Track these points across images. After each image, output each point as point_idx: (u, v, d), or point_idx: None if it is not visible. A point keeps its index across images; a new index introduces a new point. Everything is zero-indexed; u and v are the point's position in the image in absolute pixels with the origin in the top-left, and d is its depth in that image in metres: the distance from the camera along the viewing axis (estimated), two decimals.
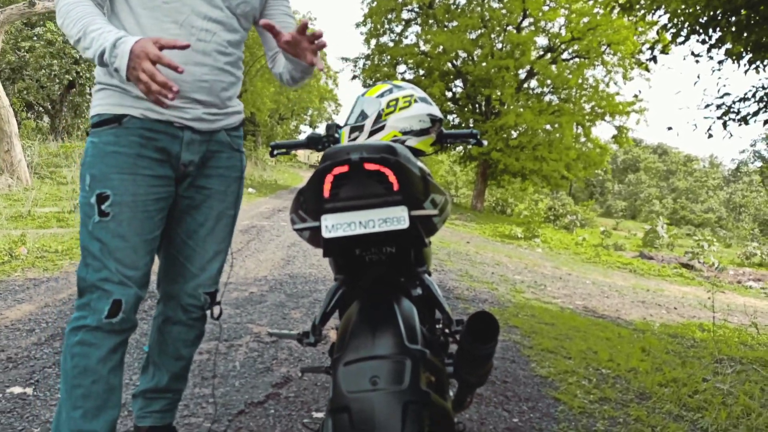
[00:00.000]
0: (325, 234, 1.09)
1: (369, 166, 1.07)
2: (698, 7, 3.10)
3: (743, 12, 3.02)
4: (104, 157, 1.27)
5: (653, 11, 3.71)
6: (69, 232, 5.84)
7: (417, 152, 1.83)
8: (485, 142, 1.94)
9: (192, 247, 1.43)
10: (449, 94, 19.02)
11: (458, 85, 19.40)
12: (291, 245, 5.99)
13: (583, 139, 17.94)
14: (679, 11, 3.26)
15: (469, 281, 5.17)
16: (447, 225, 13.47)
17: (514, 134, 16.88)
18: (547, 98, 18.28)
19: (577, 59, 17.27)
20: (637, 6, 3.71)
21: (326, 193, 1.09)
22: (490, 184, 19.54)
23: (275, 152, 2.05)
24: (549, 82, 17.02)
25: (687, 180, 37.40)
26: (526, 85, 18.18)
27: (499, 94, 17.14)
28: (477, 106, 18.93)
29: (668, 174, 38.57)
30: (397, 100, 1.77)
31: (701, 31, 3.31)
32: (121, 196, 1.25)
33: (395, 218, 1.09)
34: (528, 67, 17.57)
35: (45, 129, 23.40)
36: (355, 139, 1.79)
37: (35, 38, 19.93)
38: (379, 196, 1.10)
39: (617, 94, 17.52)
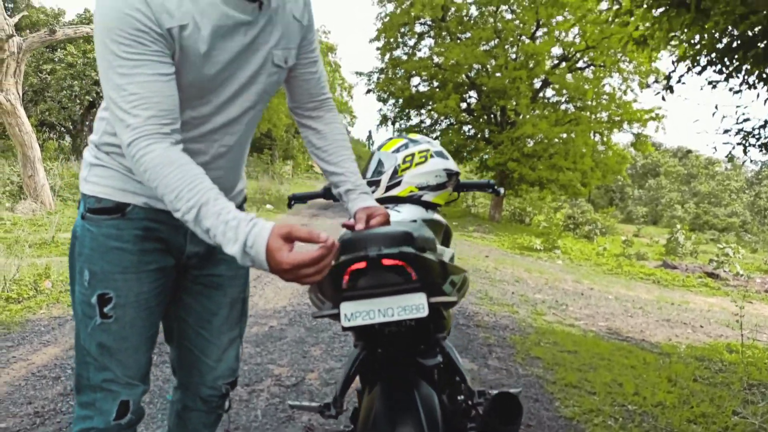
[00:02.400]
0: (344, 323, 1.09)
1: (387, 262, 1.07)
2: (716, 35, 3.05)
3: (760, 45, 2.98)
4: (105, 253, 1.17)
5: (668, 43, 3.67)
6: None
7: (433, 205, 1.83)
8: (502, 190, 1.93)
9: (206, 338, 1.35)
10: (464, 105, 18.99)
11: (473, 96, 19.37)
12: None
13: (601, 147, 17.75)
14: (693, 41, 3.22)
15: (489, 304, 5.12)
16: (465, 238, 13.41)
17: (530, 143, 16.78)
18: (563, 107, 18.16)
19: (592, 67, 17.15)
20: (651, 41, 3.67)
21: (344, 285, 1.10)
22: (507, 194, 19.42)
23: (292, 203, 2.07)
24: (565, 91, 16.92)
25: (709, 184, 36.75)
26: (541, 95, 18.08)
27: (514, 104, 17.07)
28: (492, 116, 18.87)
29: (689, 178, 37.93)
30: (413, 155, 1.77)
31: (718, 61, 3.26)
32: (125, 297, 1.18)
33: (414, 306, 1.08)
34: (543, 77, 17.49)
35: (67, 149, 23.90)
36: (372, 192, 1.80)
37: (56, 61, 20.39)
38: (397, 284, 1.09)
39: (634, 101, 17.34)
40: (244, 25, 1.12)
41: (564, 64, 17.55)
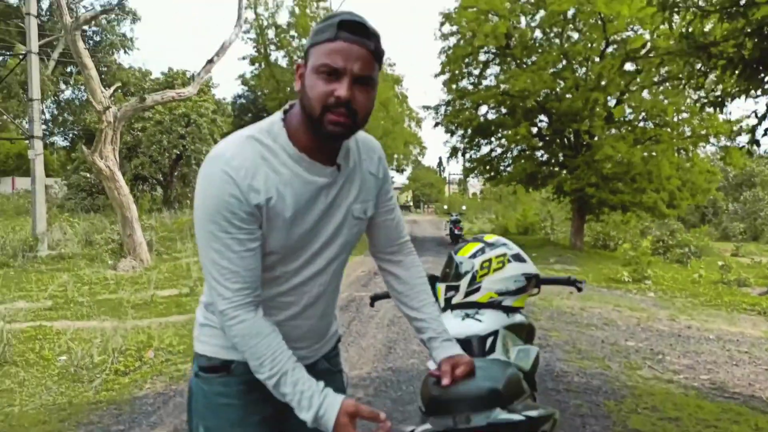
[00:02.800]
0: None
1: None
2: None
3: None
4: (217, 409, 1.29)
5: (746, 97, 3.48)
6: (187, 321, 6.28)
7: (514, 309, 1.83)
8: (584, 286, 1.90)
9: None
10: (534, 130, 18.65)
11: (543, 120, 18.99)
12: (390, 323, 6.06)
13: (687, 164, 16.77)
14: None
15: (578, 359, 4.93)
16: (546, 271, 13.00)
17: (608, 165, 16.10)
18: (641, 124, 17.37)
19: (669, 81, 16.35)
20: (729, 99, 3.49)
21: None
22: (588, 219, 18.72)
23: (374, 302, 2.16)
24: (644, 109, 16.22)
25: None
26: (616, 109, 17.39)
27: (588, 126, 16.55)
28: (566, 140, 18.38)
29: None
30: (490, 260, 1.79)
31: None
32: None
33: None
34: (618, 94, 16.89)
35: (158, 199, 25.66)
36: (450, 298, 1.83)
37: (146, 118, 22.07)
38: None
39: (719, 112, 16.31)
40: (326, 188, 1.24)
41: (638, 78, 16.87)
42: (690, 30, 3.86)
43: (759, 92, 3.32)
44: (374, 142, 1.40)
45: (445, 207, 32.31)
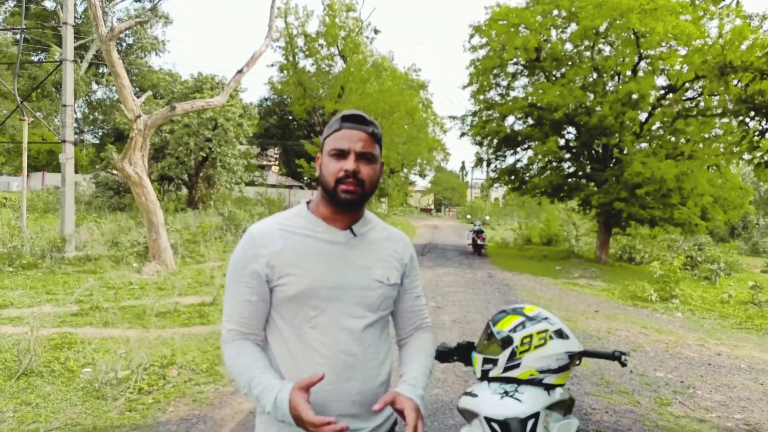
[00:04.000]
0: None
1: None
2: None
3: None
4: None
5: None
6: (209, 333, 6.30)
7: (555, 386, 1.75)
8: (628, 359, 1.79)
9: None
10: (561, 141, 18.37)
11: (571, 132, 18.72)
12: None
13: (720, 181, 16.35)
14: None
15: (607, 394, 4.79)
16: (571, 287, 12.80)
17: (638, 179, 15.76)
18: (671, 138, 16.97)
19: (702, 97, 15.99)
20: None
21: None
22: (614, 233, 18.38)
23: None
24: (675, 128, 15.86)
25: None
26: (645, 126, 17.05)
27: (617, 139, 16.26)
28: (594, 153, 18.09)
29: None
30: (531, 336, 1.71)
31: None
32: None
33: None
34: (649, 109, 16.57)
35: (183, 198, 25.99)
36: (488, 371, 1.76)
37: (174, 121, 22.35)
38: None
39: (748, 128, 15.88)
40: (339, 246, 1.44)
41: (671, 95, 16.52)
42: (747, 91, 3.74)
43: None
44: (406, 238, 1.64)
45: (468, 216, 32.02)
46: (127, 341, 5.60)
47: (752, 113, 3.64)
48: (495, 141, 19.25)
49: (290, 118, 39.00)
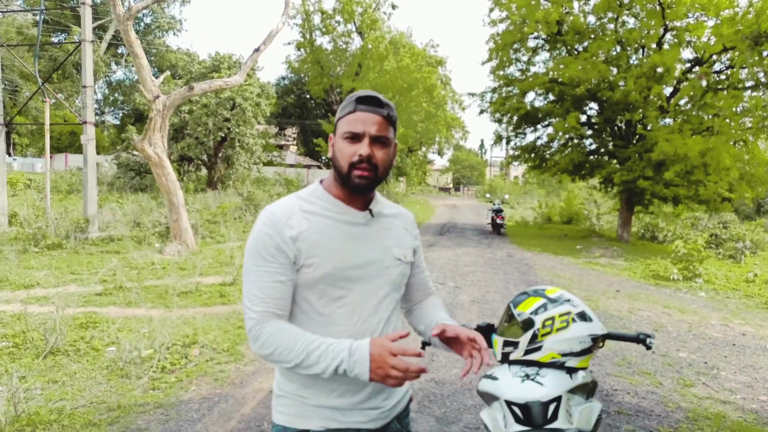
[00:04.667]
0: None
1: None
2: None
3: None
4: None
5: None
6: (230, 313, 6.37)
7: (576, 370, 1.71)
8: (653, 340, 1.74)
9: None
10: (583, 118, 17.99)
11: (593, 108, 18.32)
12: None
13: (746, 156, 15.89)
14: None
15: (629, 375, 4.74)
16: (592, 267, 12.67)
17: (663, 158, 15.39)
18: (699, 113, 16.51)
19: (730, 70, 15.47)
20: None
21: None
22: (636, 211, 18.06)
23: (425, 347, 2.06)
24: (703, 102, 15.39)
25: None
26: (672, 101, 16.60)
27: (641, 115, 15.87)
28: (617, 129, 17.69)
29: None
30: (553, 319, 1.67)
31: None
32: None
33: None
34: (675, 83, 16.11)
35: (203, 179, 26.21)
36: (508, 354, 1.72)
37: (193, 101, 22.43)
38: None
39: None
40: (359, 226, 1.46)
41: (698, 68, 16.03)
42: None
43: None
44: (411, 215, 1.69)
45: (488, 195, 31.74)
46: (150, 320, 5.69)
47: None
48: (515, 118, 18.92)
49: (308, 96, 38.88)
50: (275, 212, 1.41)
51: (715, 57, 15.65)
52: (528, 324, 1.67)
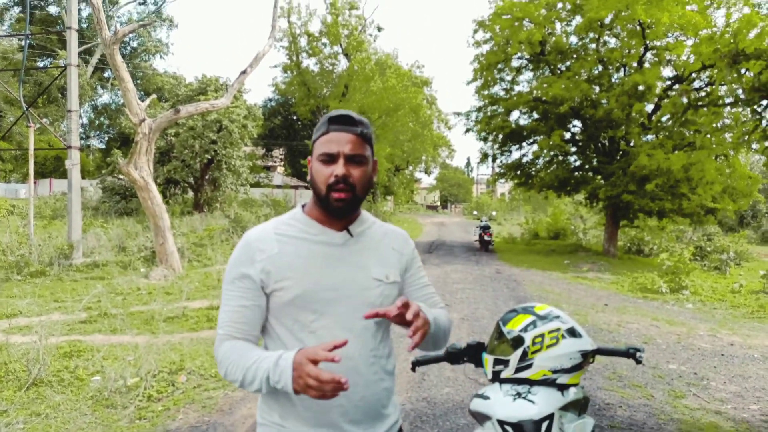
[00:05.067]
0: None
1: None
2: None
3: None
4: None
5: None
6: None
7: (569, 386, 1.71)
8: (643, 356, 1.75)
9: None
10: (567, 135, 18.25)
11: (577, 125, 18.59)
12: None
13: (728, 170, 16.18)
14: None
15: (620, 388, 4.74)
16: (580, 281, 12.73)
17: (644, 171, 15.61)
18: (681, 129, 16.82)
19: (710, 87, 15.82)
20: None
21: None
22: (621, 225, 18.24)
23: (416, 367, 2.04)
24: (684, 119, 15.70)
25: None
26: (653, 118, 16.89)
27: (624, 132, 16.12)
28: (600, 146, 17.95)
29: None
30: (542, 336, 1.66)
31: None
32: None
33: None
34: (655, 100, 16.43)
35: (189, 201, 26.05)
36: (499, 372, 1.72)
37: (179, 124, 22.39)
38: None
39: (762, 117, 15.69)
40: (335, 247, 1.43)
41: (678, 85, 16.36)
42: (760, 80, 3.67)
43: None
44: (405, 234, 1.64)
45: (475, 212, 31.87)
46: (135, 348, 5.59)
47: (765, 102, 3.59)
48: (500, 136, 19.14)
49: (295, 118, 39.01)
50: (249, 236, 1.43)
51: (694, 75, 16.01)
52: (518, 342, 1.67)
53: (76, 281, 9.99)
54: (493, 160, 20.36)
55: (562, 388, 1.66)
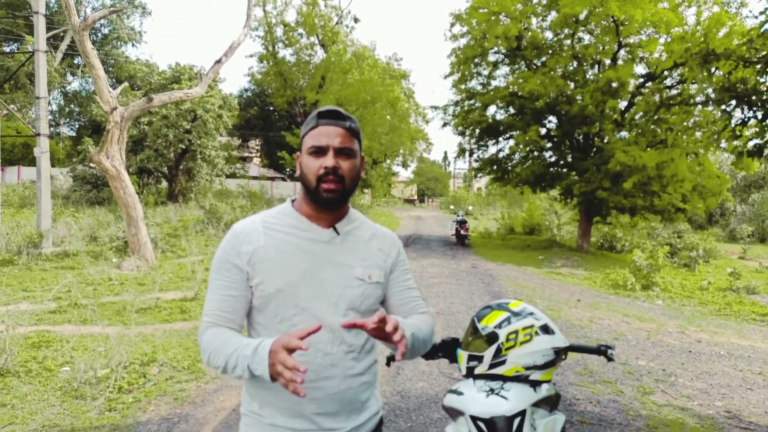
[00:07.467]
0: None
1: None
2: None
3: None
4: None
5: None
6: (192, 329, 6.21)
7: (541, 382, 1.73)
8: (615, 355, 1.78)
9: None
10: (543, 131, 18.44)
11: (552, 121, 18.80)
12: None
13: (698, 168, 16.55)
14: None
15: (590, 384, 4.82)
16: (553, 276, 12.90)
17: (618, 167, 15.87)
18: (653, 127, 17.13)
19: (681, 85, 16.12)
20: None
21: None
22: (595, 221, 18.54)
23: (390, 363, 2.04)
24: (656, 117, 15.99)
25: None
26: (627, 115, 17.16)
27: (598, 128, 16.36)
28: (575, 142, 18.18)
29: None
30: (516, 332, 1.68)
31: None
32: None
33: None
34: (629, 97, 16.69)
35: (163, 192, 25.62)
36: (473, 368, 1.73)
37: (153, 113, 21.95)
38: None
39: (731, 117, 16.07)
40: (320, 243, 1.44)
41: (650, 83, 16.65)
42: (730, 79, 3.77)
43: None
44: (393, 236, 1.62)
45: (451, 206, 32.04)
46: (106, 339, 5.49)
47: (734, 102, 3.70)
48: (477, 131, 19.24)
49: (271, 109, 38.60)
50: (237, 228, 1.45)
51: (666, 72, 16.29)
52: (492, 338, 1.68)
53: (46, 270, 9.76)
54: (470, 155, 20.48)
55: (535, 384, 1.68)
